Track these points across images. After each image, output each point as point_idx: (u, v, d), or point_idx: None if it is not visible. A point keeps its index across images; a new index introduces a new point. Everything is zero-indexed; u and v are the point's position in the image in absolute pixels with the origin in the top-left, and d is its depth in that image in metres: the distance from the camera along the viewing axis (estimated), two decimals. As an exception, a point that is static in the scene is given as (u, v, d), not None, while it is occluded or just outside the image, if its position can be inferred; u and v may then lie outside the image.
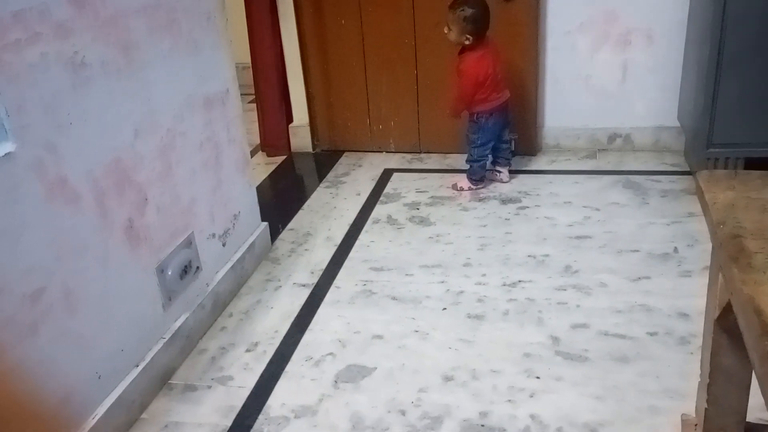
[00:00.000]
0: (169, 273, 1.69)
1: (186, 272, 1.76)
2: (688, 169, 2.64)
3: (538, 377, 1.60)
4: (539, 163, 2.86)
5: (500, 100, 2.51)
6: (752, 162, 2.37)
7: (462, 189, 2.62)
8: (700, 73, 2.35)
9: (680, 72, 2.70)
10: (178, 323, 1.73)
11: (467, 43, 2.42)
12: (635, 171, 2.69)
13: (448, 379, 1.61)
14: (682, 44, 2.66)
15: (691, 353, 1.62)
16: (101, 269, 1.45)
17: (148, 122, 1.59)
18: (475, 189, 2.62)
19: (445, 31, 2.45)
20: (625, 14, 2.68)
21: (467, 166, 2.62)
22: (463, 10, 2.36)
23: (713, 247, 1.08)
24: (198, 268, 1.83)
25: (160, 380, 1.65)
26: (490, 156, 2.62)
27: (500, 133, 2.60)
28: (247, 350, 1.78)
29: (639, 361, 1.63)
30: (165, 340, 1.66)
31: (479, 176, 2.61)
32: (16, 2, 1.20)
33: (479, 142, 2.56)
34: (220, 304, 1.95)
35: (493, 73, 2.46)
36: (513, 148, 2.78)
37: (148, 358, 1.59)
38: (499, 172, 2.67)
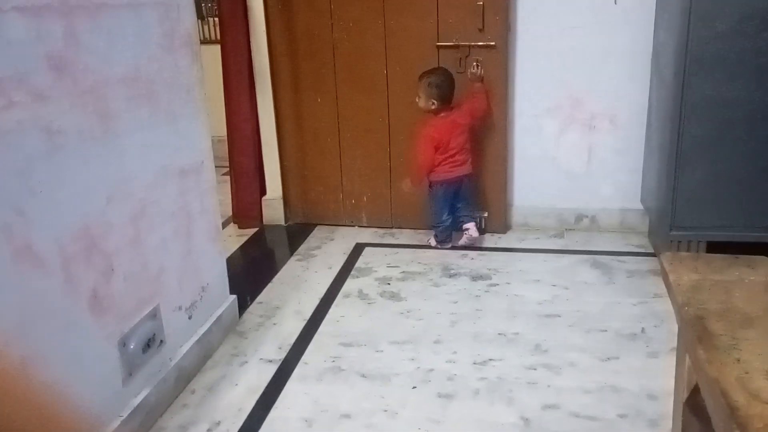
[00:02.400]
0: (132, 346, 1.64)
1: (149, 346, 1.71)
2: (653, 251, 2.71)
3: (508, 460, 1.56)
4: (509, 240, 2.91)
5: (452, 174, 2.71)
6: (714, 245, 2.44)
7: (431, 245, 2.83)
8: (662, 158, 2.45)
9: (643, 156, 2.81)
10: (138, 399, 1.66)
11: (433, 107, 2.67)
12: (602, 251, 2.74)
13: (416, 461, 1.56)
14: (644, 129, 2.79)
15: (662, 436, 1.61)
16: (62, 338, 1.40)
17: (120, 190, 1.59)
18: (441, 248, 2.80)
19: (417, 100, 2.70)
20: (589, 99, 2.81)
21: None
22: (428, 77, 2.67)
23: (679, 328, 1.09)
24: (162, 341, 1.78)
25: (115, 460, 1.56)
26: (446, 222, 2.78)
27: (454, 205, 2.78)
28: (209, 429, 1.71)
29: (610, 444, 1.60)
30: (122, 418, 1.59)
31: (442, 238, 2.81)
32: (-4, 70, 1.21)
33: (433, 210, 2.81)
34: (183, 379, 1.88)
35: (447, 142, 2.67)
36: (480, 226, 2.90)
37: (103, 436, 1.52)
38: (467, 228, 2.78)
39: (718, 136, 2.32)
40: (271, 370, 1.97)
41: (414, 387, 1.86)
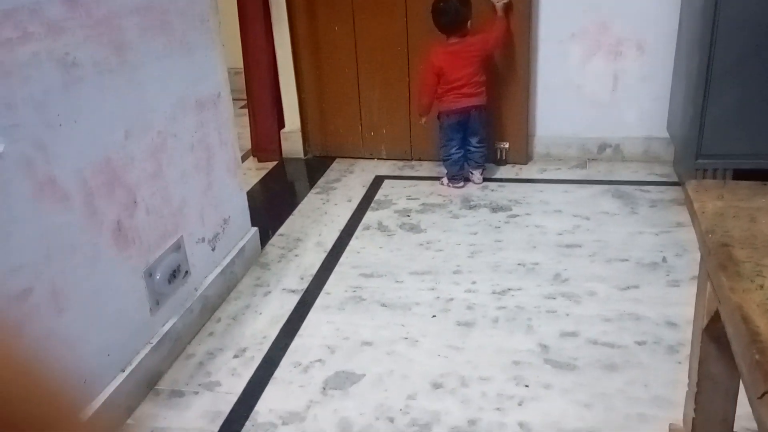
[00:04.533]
0: (158, 277, 1.68)
1: (175, 276, 1.75)
2: (677, 180, 2.66)
3: (527, 385, 1.59)
4: (530, 171, 2.87)
5: (459, 104, 2.60)
6: (741, 173, 2.39)
7: (442, 184, 2.75)
8: (690, 84, 2.37)
9: (670, 83, 2.73)
10: (166, 327, 1.71)
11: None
12: (625, 181, 2.71)
13: (437, 386, 1.61)
14: (673, 55, 2.69)
15: (680, 362, 1.63)
16: (89, 270, 1.43)
17: (139, 123, 1.59)
18: (453, 186, 2.70)
19: None
20: (616, 25, 2.71)
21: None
22: (434, 3, 2.58)
23: (702, 256, 1.08)
24: (187, 272, 1.82)
25: (147, 385, 1.63)
26: (455, 156, 2.69)
27: (467, 139, 2.69)
28: (235, 355, 1.77)
29: (627, 370, 1.63)
30: (152, 345, 1.65)
31: (451, 174, 2.72)
32: (8, 1, 1.19)
33: (441, 143, 2.72)
34: (208, 308, 1.93)
35: (450, 71, 2.55)
36: (501, 156, 2.85)
37: (134, 363, 1.58)
38: (471, 173, 2.75)
39: (749, 61, 2.23)
40: (293, 300, 2.01)
41: (434, 316, 1.89)
